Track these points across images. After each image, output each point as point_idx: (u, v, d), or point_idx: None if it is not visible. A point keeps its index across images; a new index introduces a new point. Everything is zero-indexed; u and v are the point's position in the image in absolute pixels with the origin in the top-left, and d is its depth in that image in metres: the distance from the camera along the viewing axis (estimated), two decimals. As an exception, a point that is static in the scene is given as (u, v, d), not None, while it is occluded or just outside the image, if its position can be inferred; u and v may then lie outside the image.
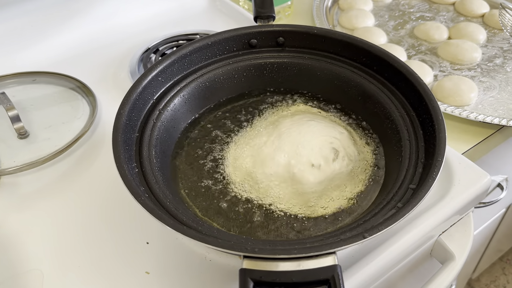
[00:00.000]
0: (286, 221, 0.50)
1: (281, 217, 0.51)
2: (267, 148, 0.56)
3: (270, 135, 0.57)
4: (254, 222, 0.50)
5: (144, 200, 0.43)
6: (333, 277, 0.38)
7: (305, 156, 0.54)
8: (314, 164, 0.54)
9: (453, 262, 0.56)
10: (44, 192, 0.59)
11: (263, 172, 0.54)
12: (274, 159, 0.54)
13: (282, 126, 0.58)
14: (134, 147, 0.52)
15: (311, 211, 0.51)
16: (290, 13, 0.95)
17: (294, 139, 0.56)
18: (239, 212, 0.51)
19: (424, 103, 0.51)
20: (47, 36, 0.80)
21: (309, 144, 0.55)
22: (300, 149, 0.54)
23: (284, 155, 0.55)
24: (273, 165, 0.54)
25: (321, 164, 0.54)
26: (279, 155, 0.55)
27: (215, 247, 0.40)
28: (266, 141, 0.57)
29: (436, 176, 0.44)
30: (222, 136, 0.60)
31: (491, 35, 0.89)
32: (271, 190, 0.53)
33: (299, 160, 0.54)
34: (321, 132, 0.56)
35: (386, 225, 0.40)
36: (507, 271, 1.58)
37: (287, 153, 0.55)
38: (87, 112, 0.69)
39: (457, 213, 0.55)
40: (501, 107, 0.72)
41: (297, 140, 0.55)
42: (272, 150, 0.55)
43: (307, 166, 0.54)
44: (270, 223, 0.50)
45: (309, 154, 0.54)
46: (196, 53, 0.61)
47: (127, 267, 0.50)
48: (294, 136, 0.56)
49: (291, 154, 0.54)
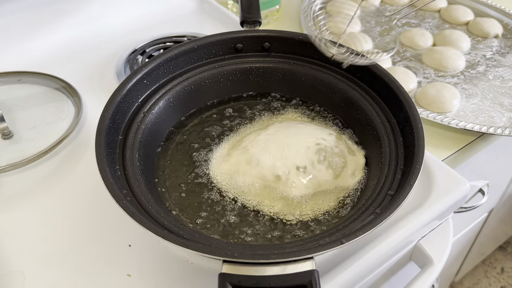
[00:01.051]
0: (269, 224, 0.51)
1: (263, 220, 0.51)
2: (253, 149, 0.56)
3: (256, 137, 0.58)
4: (233, 223, 0.51)
5: (125, 204, 0.43)
6: (310, 282, 0.38)
7: (291, 159, 0.54)
8: (300, 167, 0.54)
9: (432, 267, 0.57)
10: (27, 193, 0.59)
11: (247, 174, 0.54)
12: (259, 161, 0.55)
13: (269, 129, 0.58)
14: (117, 150, 0.52)
15: (294, 215, 0.52)
16: (278, 17, 0.96)
17: (281, 141, 0.56)
18: (219, 213, 0.52)
19: (405, 111, 0.52)
20: (33, 36, 0.80)
21: (295, 146, 0.55)
22: (286, 151, 0.55)
23: (269, 157, 0.55)
24: (257, 166, 0.54)
25: (307, 166, 0.54)
26: (264, 156, 0.55)
27: (195, 251, 0.41)
28: (252, 143, 0.57)
29: (414, 183, 0.44)
30: (206, 139, 0.60)
31: (475, 42, 0.91)
32: (255, 192, 0.53)
33: (284, 163, 0.54)
34: (309, 134, 0.56)
35: (363, 231, 0.41)
36: (489, 274, 1.60)
37: (273, 155, 0.55)
38: (72, 113, 0.69)
39: (436, 218, 0.56)
40: (482, 114, 0.74)
41: (283, 142, 0.55)
42: (257, 151, 0.55)
43: (293, 168, 0.54)
44: (251, 225, 0.50)
45: (294, 157, 0.54)
46: (182, 57, 0.61)
47: (109, 269, 0.50)
48: (281, 138, 0.56)
49: (276, 156, 0.55)
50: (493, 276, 1.60)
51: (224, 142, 0.60)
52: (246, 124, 0.62)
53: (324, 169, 0.54)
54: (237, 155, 0.56)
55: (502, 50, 0.89)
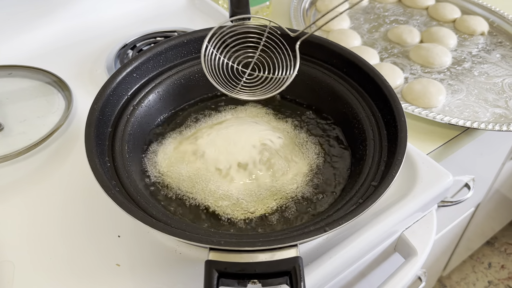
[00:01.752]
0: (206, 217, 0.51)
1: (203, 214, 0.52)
2: (201, 140, 0.57)
3: (208, 130, 0.58)
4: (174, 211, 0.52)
5: (114, 194, 0.44)
6: (294, 268, 0.39)
7: (235, 154, 0.54)
8: (242, 163, 0.54)
9: (416, 257, 0.59)
10: (17, 185, 0.60)
11: (191, 164, 0.55)
12: (204, 153, 0.55)
13: (223, 123, 0.59)
14: (107, 142, 0.53)
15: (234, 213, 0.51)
16: (268, 14, 0.97)
17: (229, 137, 0.56)
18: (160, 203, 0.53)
19: (389, 105, 0.53)
20: (24, 29, 0.80)
21: (241, 143, 0.55)
22: (232, 147, 0.55)
23: (214, 150, 0.55)
24: (201, 158, 0.55)
25: (248, 164, 0.54)
26: (210, 149, 0.55)
27: (182, 239, 0.42)
28: (203, 135, 0.57)
29: (396, 174, 0.46)
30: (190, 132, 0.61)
31: (461, 40, 0.92)
32: (197, 184, 0.54)
33: (227, 158, 0.54)
34: (259, 133, 0.57)
35: (346, 219, 0.42)
36: (477, 269, 1.63)
37: (218, 149, 0.55)
38: (63, 106, 0.69)
39: (419, 210, 0.58)
40: (467, 110, 0.75)
41: (231, 137, 0.56)
42: (204, 143, 0.56)
43: (234, 164, 0.54)
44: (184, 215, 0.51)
45: (238, 153, 0.55)
46: (171, 51, 0.62)
47: (98, 259, 0.51)
48: (231, 133, 0.56)
49: (221, 150, 0.55)
50: (480, 271, 1.62)
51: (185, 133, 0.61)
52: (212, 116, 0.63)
53: (264, 169, 0.54)
54: (186, 144, 0.58)
55: (487, 47, 0.90)
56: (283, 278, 0.40)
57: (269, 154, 0.55)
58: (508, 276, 1.61)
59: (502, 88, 0.80)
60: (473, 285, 1.58)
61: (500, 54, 0.88)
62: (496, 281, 1.59)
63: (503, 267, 1.63)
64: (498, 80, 0.82)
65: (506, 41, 0.92)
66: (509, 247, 1.68)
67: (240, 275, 0.40)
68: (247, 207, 0.52)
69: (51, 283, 0.49)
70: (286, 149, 0.57)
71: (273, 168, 0.55)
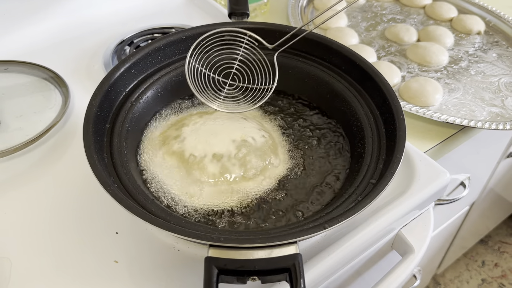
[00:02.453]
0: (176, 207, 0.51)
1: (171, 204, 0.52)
2: (186, 128, 0.57)
3: (196, 119, 0.59)
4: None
5: (113, 190, 0.44)
6: (293, 265, 0.39)
7: (212, 146, 0.55)
8: (216, 154, 0.54)
9: (412, 255, 0.59)
10: (14, 181, 0.59)
11: (169, 147, 0.56)
12: (184, 139, 0.56)
13: (213, 114, 0.60)
14: (105, 138, 0.53)
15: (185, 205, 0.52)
16: (266, 11, 0.97)
17: (213, 128, 0.57)
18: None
19: (387, 103, 0.54)
20: (21, 25, 0.80)
21: (222, 135, 0.55)
22: (212, 138, 0.55)
23: (195, 138, 0.56)
24: (181, 143, 0.56)
25: (223, 156, 0.54)
26: (191, 136, 0.56)
27: (182, 236, 0.41)
28: (190, 123, 0.58)
29: (395, 171, 0.46)
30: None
31: (458, 39, 0.93)
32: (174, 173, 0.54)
33: (204, 147, 0.55)
34: (242, 129, 0.57)
35: (345, 217, 0.42)
36: (471, 267, 1.64)
37: (199, 138, 0.56)
38: (60, 102, 0.69)
39: (416, 208, 0.58)
40: (464, 108, 0.76)
41: (214, 129, 0.56)
42: (188, 130, 0.57)
43: (209, 154, 0.54)
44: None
45: (216, 144, 0.55)
46: (170, 47, 0.62)
47: (96, 256, 0.51)
48: (215, 126, 0.57)
49: (201, 139, 0.55)
50: (474, 269, 1.63)
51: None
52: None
53: (238, 164, 0.54)
54: (171, 129, 0.58)
55: (484, 47, 0.91)
56: (282, 275, 0.40)
57: (247, 151, 0.55)
58: (502, 274, 1.62)
59: (498, 87, 0.81)
60: (466, 283, 1.60)
61: (496, 53, 0.89)
62: (490, 279, 1.61)
63: (497, 265, 1.65)
64: (494, 79, 0.82)
65: (502, 41, 0.93)
66: (502, 245, 1.70)
67: (239, 271, 0.40)
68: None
69: (48, 279, 0.49)
70: (267, 149, 0.57)
71: (246, 166, 0.54)
